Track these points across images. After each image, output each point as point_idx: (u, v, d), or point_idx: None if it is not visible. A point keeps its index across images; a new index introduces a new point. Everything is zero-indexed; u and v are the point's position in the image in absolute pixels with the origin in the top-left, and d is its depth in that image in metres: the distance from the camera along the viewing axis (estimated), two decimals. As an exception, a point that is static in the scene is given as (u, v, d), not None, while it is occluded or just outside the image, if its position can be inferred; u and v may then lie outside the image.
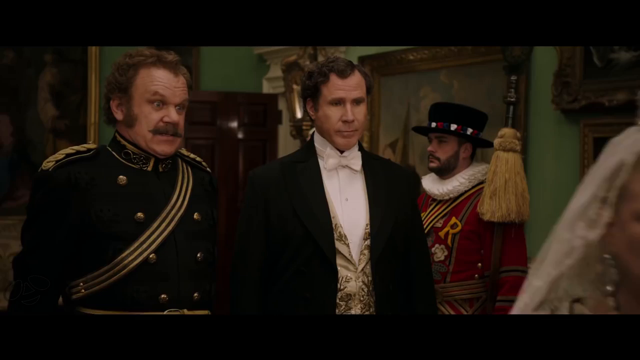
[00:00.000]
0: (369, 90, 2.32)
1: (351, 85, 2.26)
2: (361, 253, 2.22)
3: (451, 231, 2.76)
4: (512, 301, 2.68)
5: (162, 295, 1.99)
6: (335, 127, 2.26)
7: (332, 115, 2.26)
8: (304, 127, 4.74)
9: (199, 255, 2.08)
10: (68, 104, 5.51)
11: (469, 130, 2.79)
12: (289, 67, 4.99)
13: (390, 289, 2.25)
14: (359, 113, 2.27)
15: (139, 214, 1.99)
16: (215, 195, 2.28)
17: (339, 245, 2.21)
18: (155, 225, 2.01)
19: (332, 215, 2.24)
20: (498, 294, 2.69)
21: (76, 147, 2.06)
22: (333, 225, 2.22)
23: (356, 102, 2.27)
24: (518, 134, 2.86)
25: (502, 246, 2.72)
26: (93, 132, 5.45)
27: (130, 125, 2.06)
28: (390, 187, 2.31)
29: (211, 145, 5.76)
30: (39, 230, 1.98)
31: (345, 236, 2.22)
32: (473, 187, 2.82)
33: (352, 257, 2.21)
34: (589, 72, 3.63)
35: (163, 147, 2.06)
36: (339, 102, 2.26)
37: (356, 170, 2.29)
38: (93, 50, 5.50)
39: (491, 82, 4.09)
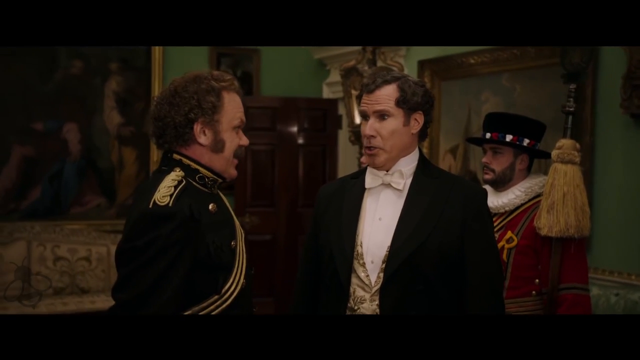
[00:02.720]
0: (405, 102, 2.13)
1: (373, 100, 2.13)
2: (378, 275, 2.11)
3: (507, 246, 2.65)
4: (572, 320, 2.59)
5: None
6: (364, 142, 2.18)
7: (362, 130, 2.20)
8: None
9: (252, 271, 2.12)
10: (132, 111, 5.65)
11: (525, 141, 2.67)
12: (347, 72, 4.95)
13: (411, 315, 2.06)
14: (383, 128, 2.12)
15: (232, 242, 2.00)
16: None
17: (355, 264, 2.14)
18: (238, 250, 2.03)
19: (357, 233, 2.15)
20: (557, 311, 2.57)
21: (174, 179, 1.95)
22: (354, 244, 2.15)
23: (379, 115, 2.13)
24: (577, 145, 2.72)
25: (561, 262, 2.59)
26: (156, 139, 5.57)
27: (217, 150, 2.01)
28: (435, 208, 2.12)
29: (271, 150, 5.78)
30: (166, 268, 1.86)
31: (362, 255, 2.13)
32: (530, 200, 2.70)
33: (367, 277, 2.12)
34: (660, 74, 3.44)
35: (235, 170, 2.08)
36: (364, 116, 2.18)
37: (399, 190, 2.16)
38: (156, 57, 5.62)
39: (555, 86, 3.93)
